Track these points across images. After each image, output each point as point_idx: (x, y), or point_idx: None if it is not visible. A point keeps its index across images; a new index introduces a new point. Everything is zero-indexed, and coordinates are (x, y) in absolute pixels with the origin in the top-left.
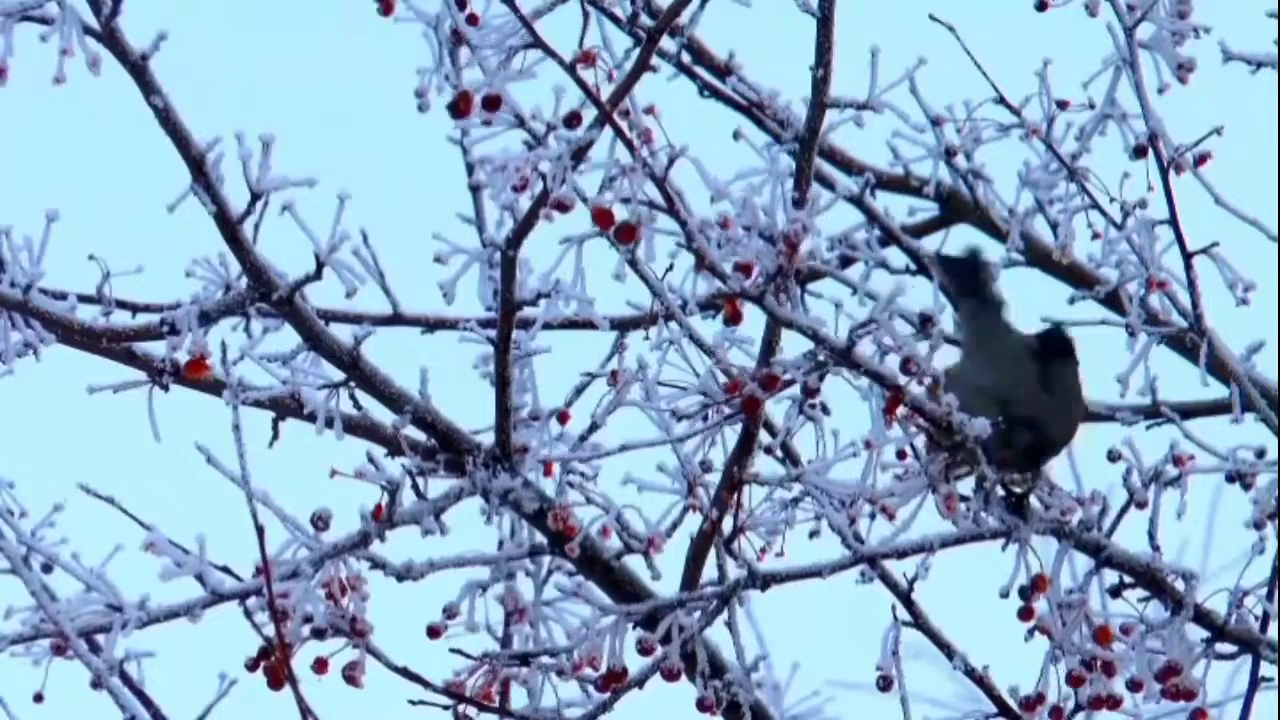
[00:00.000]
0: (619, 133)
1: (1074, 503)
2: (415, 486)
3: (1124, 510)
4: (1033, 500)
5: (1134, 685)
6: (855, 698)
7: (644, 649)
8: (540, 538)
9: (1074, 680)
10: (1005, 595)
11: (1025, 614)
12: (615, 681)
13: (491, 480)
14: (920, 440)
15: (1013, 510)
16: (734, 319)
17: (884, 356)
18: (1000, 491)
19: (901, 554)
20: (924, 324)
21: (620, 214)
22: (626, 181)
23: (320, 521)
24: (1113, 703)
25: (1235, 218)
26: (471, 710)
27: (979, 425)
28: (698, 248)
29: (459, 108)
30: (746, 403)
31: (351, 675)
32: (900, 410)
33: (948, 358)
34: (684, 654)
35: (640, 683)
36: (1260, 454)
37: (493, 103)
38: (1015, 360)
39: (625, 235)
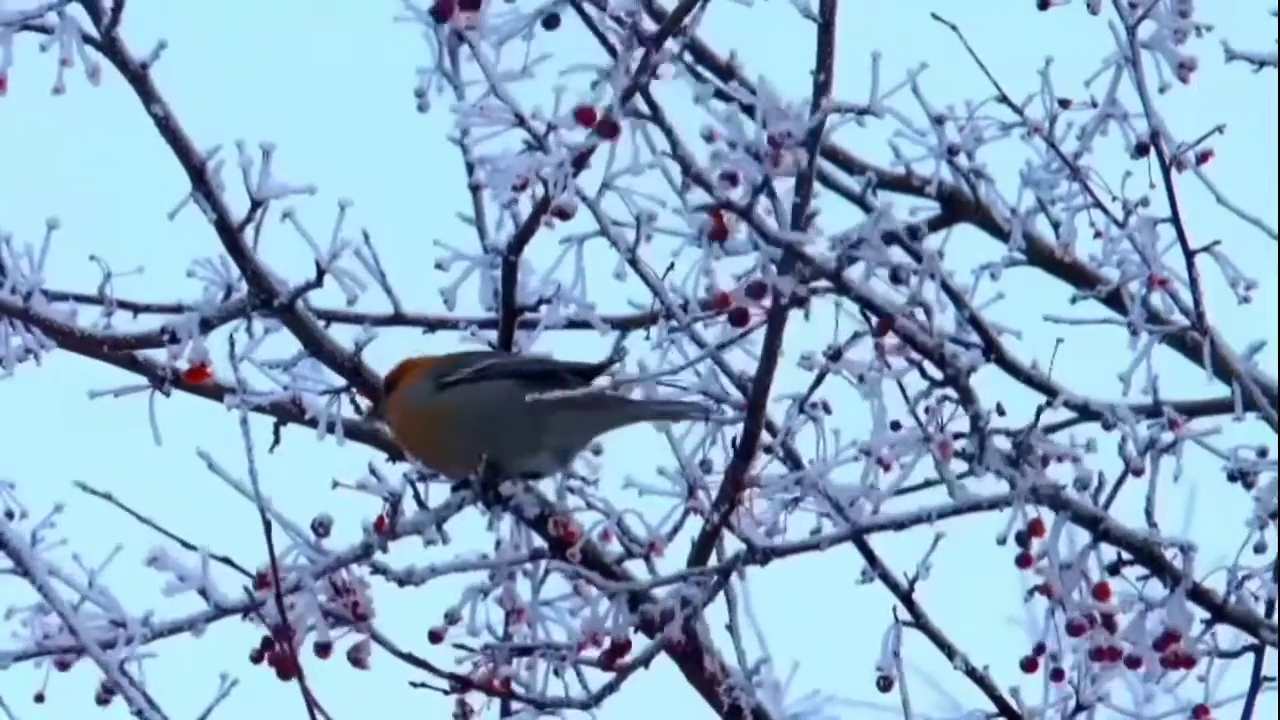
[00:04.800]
0: (600, 36)
1: (1069, 451)
2: (417, 495)
3: (1121, 479)
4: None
5: (1133, 662)
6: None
7: (646, 623)
8: (541, 541)
9: (1075, 629)
10: (1002, 542)
11: (1024, 561)
12: (619, 656)
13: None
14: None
15: (1010, 462)
16: (719, 235)
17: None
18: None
19: (899, 525)
20: (913, 235)
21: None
22: (609, 88)
23: (321, 528)
24: (1114, 654)
25: (1237, 216)
26: (475, 704)
27: (971, 357)
28: (683, 155)
29: (440, 10)
30: (734, 315)
31: (357, 658)
32: (891, 340)
33: None
34: (686, 630)
35: (645, 661)
36: (1262, 453)
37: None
38: None
39: (608, 132)
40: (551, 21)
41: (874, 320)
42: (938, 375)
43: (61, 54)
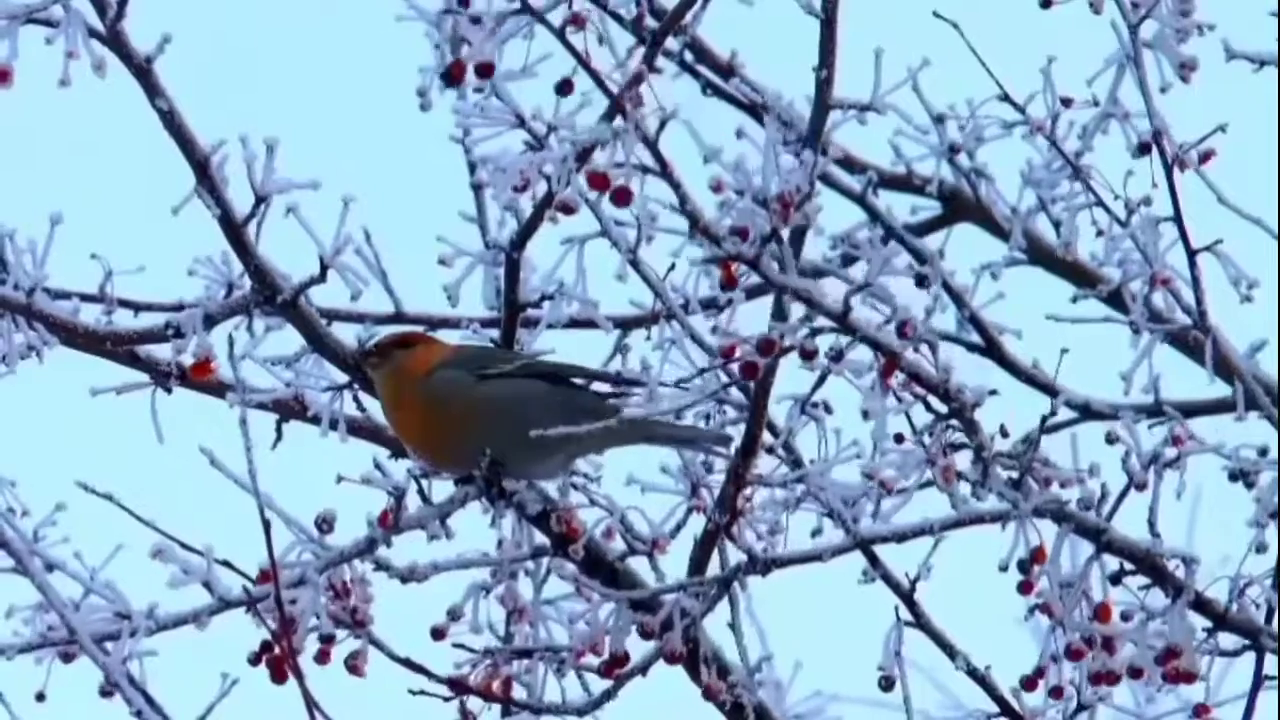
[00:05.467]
0: (610, 96)
1: (1073, 475)
2: (421, 490)
3: (1124, 493)
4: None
5: (1135, 672)
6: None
7: (645, 632)
8: (543, 538)
9: (1074, 654)
10: (1004, 569)
11: (1025, 588)
12: (618, 666)
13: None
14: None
15: (1013, 485)
16: (729, 284)
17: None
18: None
19: (901, 537)
20: (920, 284)
21: (616, 179)
22: (619, 146)
23: (325, 524)
24: (1112, 679)
25: (1238, 216)
26: (474, 706)
27: (976, 392)
28: (692, 210)
29: (452, 75)
30: (744, 368)
31: (354, 665)
32: (896, 377)
33: None
34: (686, 640)
35: (644, 669)
36: (1263, 452)
37: (485, 70)
38: None
39: (620, 199)
40: (564, 88)
41: (880, 360)
42: (943, 409)
43: (67, 47)
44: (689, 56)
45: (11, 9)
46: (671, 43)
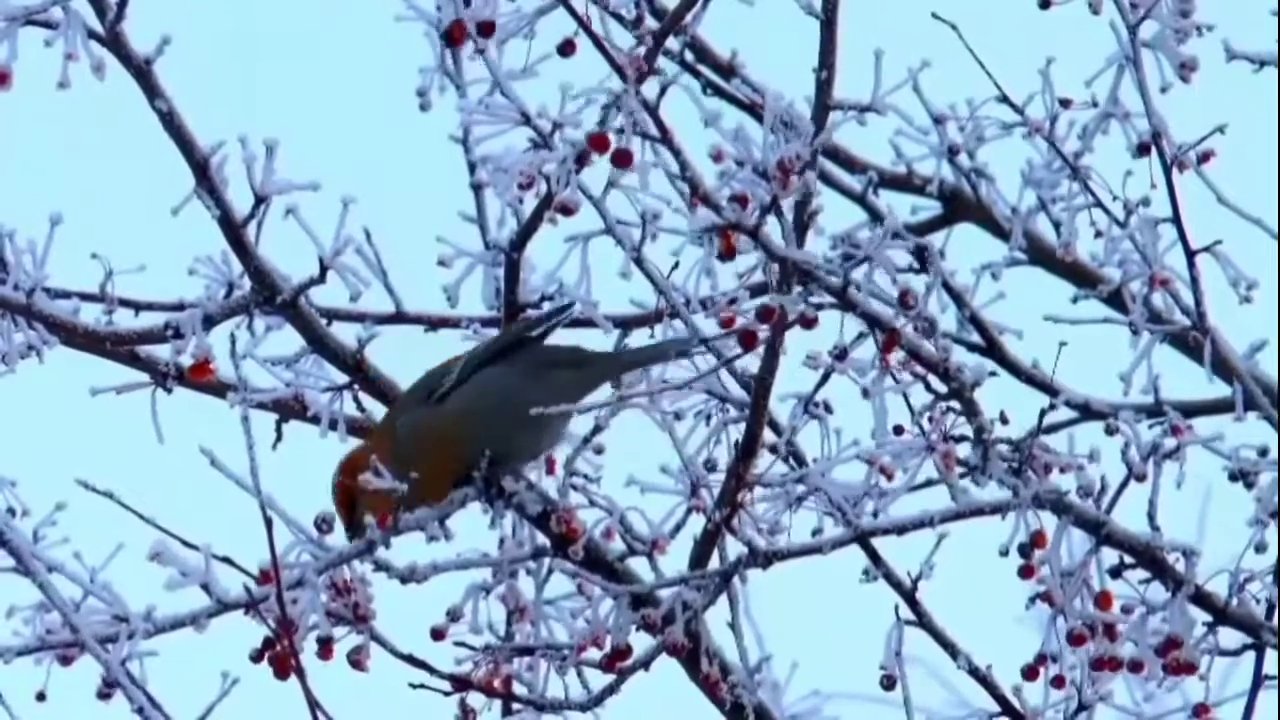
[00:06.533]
0: (611, 62)
1: (1072, 460)
2: None
3: (1124, 484)
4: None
5: (1135, 666)
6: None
7: (648, 625)
8: (543, 539)
9: (1076, 639)
10: (1005, 553)
11: (1026, 571)
12: (620, 659)
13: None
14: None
15: (1013, 472)
16: (728, 254)
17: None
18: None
19: (901, 529)
20: (917, 256)
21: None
22: (619, 111)
23: (324, 524)
24: (1114, 664)
25: (1238, 216)
26: (476, 704)
27: (976, 371)
28: (692, 177)
29: (452, 36)
30: (743, 337)
31: (357, 660)
32: (896, 355)
33: None
34: (688, 633)
35: (646, 663)
36: (1263, 452)
37: (486, 29)
38: None
39: (622, 160)
40: (567, 49)
41: (879, 336)
42: (942, 389)
43: (66, 49)
44: (689, 56)
45: (10, 11)
46: (672, 42)
